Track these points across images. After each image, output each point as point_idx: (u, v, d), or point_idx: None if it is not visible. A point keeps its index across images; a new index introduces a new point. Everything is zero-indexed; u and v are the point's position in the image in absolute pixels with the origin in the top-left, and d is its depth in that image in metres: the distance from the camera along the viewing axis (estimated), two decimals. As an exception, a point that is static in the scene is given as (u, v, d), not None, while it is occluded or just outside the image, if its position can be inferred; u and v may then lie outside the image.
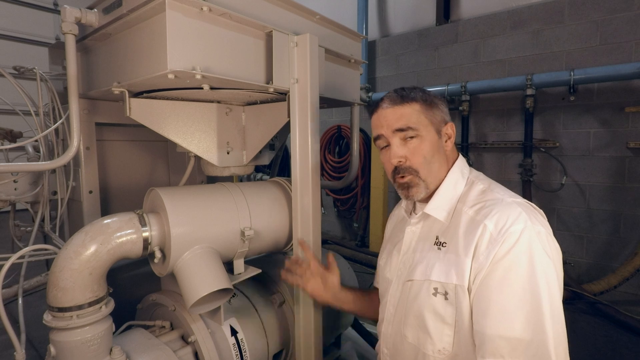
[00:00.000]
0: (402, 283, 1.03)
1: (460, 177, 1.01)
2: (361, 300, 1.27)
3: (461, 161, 1.05)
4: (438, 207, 0.99)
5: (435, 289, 0.91)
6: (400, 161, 0.98)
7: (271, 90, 1.26)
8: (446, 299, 0.89)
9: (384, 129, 1.00)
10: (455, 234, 0.93)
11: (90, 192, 1.49)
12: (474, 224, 0.89)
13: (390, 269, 1.09)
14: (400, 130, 0.97)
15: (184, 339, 1.23)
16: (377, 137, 1.03)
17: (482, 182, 1.00)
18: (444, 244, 0.95)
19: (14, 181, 1.44)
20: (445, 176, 1.01)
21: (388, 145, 1.01)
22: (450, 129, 1.02)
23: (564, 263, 0.92)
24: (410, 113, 0.97)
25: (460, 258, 0.89)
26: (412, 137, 0.97)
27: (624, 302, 3.01)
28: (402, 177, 0.99)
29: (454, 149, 1.05)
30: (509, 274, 0.81)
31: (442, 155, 1.01)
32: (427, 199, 1.02)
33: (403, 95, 0.99)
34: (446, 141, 1.02)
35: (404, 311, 1.00)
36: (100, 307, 1.02)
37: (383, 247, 1.24)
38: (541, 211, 0.92)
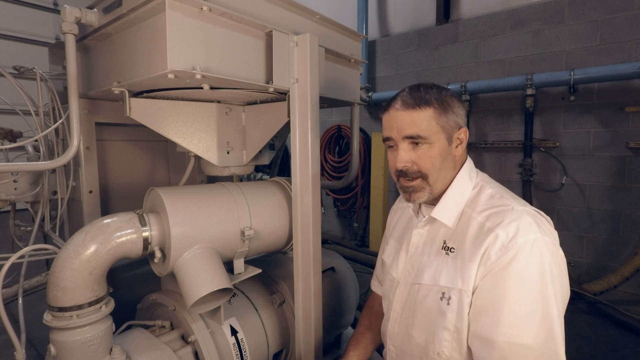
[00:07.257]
0: (410, 285, 1.03)
1: (468, 181, 1.00)
2: (374, 339, 1.24)
3: (469, 164, 1.03)
4: (445, 211, 0.98)
5: (443, 293, 0.92)
6: (406, 166, 0.96)
7: (271, 90, 1.26)
8: (448, 304, 0.90)
9: (393, 132, 0.97)
10: (463, 239, 0.93)
11: (90, 192, 1.49)
12: (484, 231, 0.88)
13: (397, 270, 1.09)
14: (410, 137, 0.94)
15: (184, 338, 1.23)
16: (387, 138, 1.00)
17: (491, 186, 0.99)
18: (452, 249, 0.94)
19: (14, 181, 1.44)
20: (452, 180, 0.99)
21: (396, 146, 0.98)
22: (463, 134, 0.99)
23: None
24: (422, 119, 0.93)
25: (466, 263, 0.89)
26: (421, 144, 0.94)
27: (624, 302, 3.00)
28: (408, 180, 0.97)
29: (463, 153, 1.02)
30: (519, 283, 0.81)
31: (450, 161, 0.98)
32: (433, 201, 1.01)
33: (417, 99, 0.94)
34: (457, 146, 0.99)
35: (411, 312, 1.00)
36: (100, 307, 1.02)
37: (385, 240, 1.23)
38: (548, 218, 0.92)
